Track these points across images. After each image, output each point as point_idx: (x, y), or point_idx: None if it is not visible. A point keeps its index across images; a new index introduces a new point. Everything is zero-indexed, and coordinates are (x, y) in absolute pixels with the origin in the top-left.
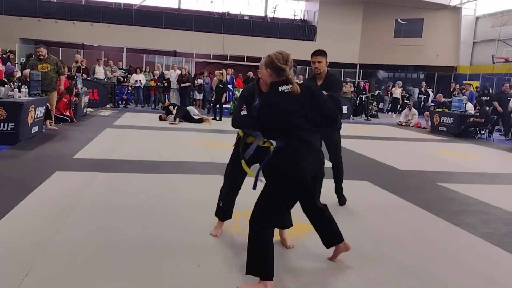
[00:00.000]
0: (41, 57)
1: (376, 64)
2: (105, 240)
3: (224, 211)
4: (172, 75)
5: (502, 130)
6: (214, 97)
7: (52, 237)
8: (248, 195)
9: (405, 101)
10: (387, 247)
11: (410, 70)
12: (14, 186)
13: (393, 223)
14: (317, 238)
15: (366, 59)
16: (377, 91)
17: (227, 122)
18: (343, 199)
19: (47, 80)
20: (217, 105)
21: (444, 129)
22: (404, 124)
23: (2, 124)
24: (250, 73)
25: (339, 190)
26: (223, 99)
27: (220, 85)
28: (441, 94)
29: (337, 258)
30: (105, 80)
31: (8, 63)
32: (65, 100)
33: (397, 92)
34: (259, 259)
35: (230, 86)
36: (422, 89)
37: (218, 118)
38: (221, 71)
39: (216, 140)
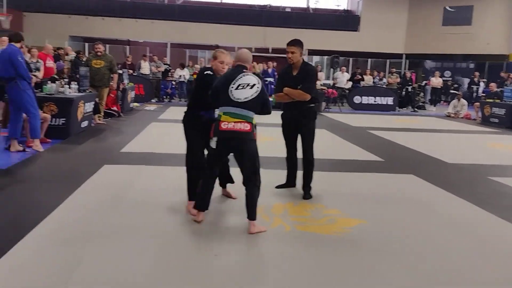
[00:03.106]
0: (99, 53)
1: (423, 53)
2: (152, 229)
3: None
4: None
5: None
6: None
7: (102, 227)
8: (292, 189)
9: (452, 91)
10: (434, 243)
11: (459, 59)
12: (66, 179)
13: (440, 218)
14: (360, 231)
15: (413, 49)
16: (423, 82)
17: (269, 115)
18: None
19: (98, 76)
20: None
21: (496, 120)
22: (452, 115)
23: (54, 119)
24: None
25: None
26: None
27: None
28: (494, 84)
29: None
30: (150, 75)
31: (59, 61)
32: (112, 96)
33: (437, 82)
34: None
35: (271, 79)
36: (475, 79)
37: None
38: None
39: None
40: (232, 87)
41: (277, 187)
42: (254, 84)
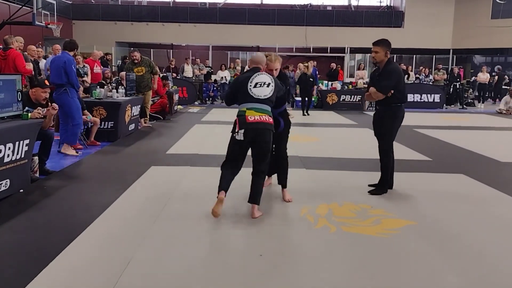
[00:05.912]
0: (136, 61)
1: (472, 48)
2: (200, 230)
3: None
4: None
5: None
6: (299, 90)
7: (150, 226)
8: (336, 190)
9: (504, 86)
10: (486, 246)
11: (510, 53)
12: (115, 180)
13: (493, 219)
14: (408, 232)
15: (460, 44)
16: (472, 78)
17: (312, 115)
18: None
19: (144, 83)
20: (306, 99)
21: None
22: (504, 112)
23: (103, 122)
24: (333, 65)
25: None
26: (314, 92)
27: (310, 78)
28: None
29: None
30: (193, 78)
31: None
32: (163, 106)
33: (484, 77)
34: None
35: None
36: None
37: (305, 112)
38: (306, 64)
39: (300, 133)
40: (250, 86)
41: (370, 185)
42: (269, 83)
